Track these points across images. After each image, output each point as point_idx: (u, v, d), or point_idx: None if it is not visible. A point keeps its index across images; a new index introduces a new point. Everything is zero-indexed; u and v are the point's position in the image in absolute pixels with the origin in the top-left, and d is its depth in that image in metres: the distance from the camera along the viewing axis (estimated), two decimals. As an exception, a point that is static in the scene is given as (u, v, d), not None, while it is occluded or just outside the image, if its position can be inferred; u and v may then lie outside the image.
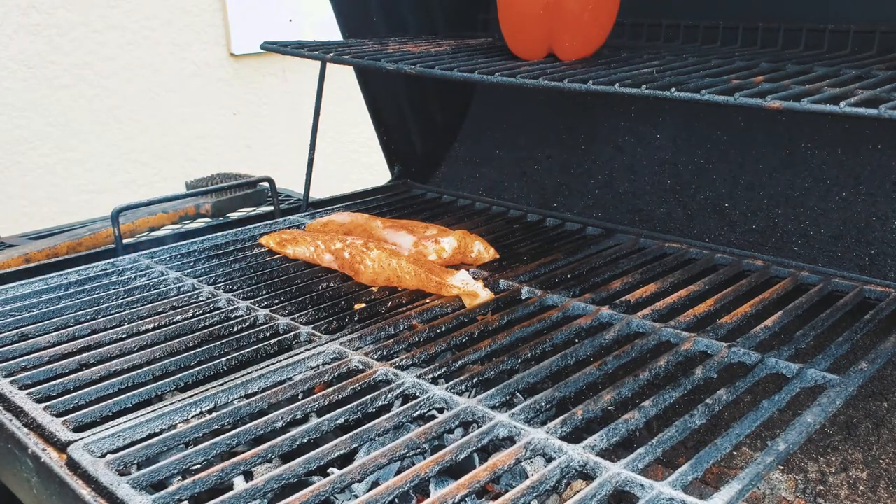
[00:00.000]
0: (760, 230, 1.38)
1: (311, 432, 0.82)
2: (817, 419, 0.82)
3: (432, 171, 1.88)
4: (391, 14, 1.71)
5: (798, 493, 1.14)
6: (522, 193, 1.71)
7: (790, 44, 1.38)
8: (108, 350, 1.01)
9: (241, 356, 0.98)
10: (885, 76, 1.07)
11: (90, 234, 1.65)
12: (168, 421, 0.85)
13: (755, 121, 1.43)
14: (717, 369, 0.95)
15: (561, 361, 0.97)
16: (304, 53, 1.42)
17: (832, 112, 0.89)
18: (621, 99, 1.59)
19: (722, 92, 0.97)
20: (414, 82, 1.78)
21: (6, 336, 1.05)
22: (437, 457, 0.76)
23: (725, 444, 0.78)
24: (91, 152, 2.66)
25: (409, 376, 0.92)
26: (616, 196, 1.59)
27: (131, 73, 2.70)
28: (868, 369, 0.92)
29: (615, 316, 1.08)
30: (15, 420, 0.85)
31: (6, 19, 2.41)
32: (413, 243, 1.28)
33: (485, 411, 0.85)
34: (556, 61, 1.27)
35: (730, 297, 1.13)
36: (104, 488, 0.73)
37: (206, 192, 1.77)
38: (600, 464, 0.75)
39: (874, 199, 1.28)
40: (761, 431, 1.20)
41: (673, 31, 1.52)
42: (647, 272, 1.23)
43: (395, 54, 1.34)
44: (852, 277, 1.19)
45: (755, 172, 1.42)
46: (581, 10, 1.22)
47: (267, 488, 0.73)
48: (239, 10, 2.88)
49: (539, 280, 1.21)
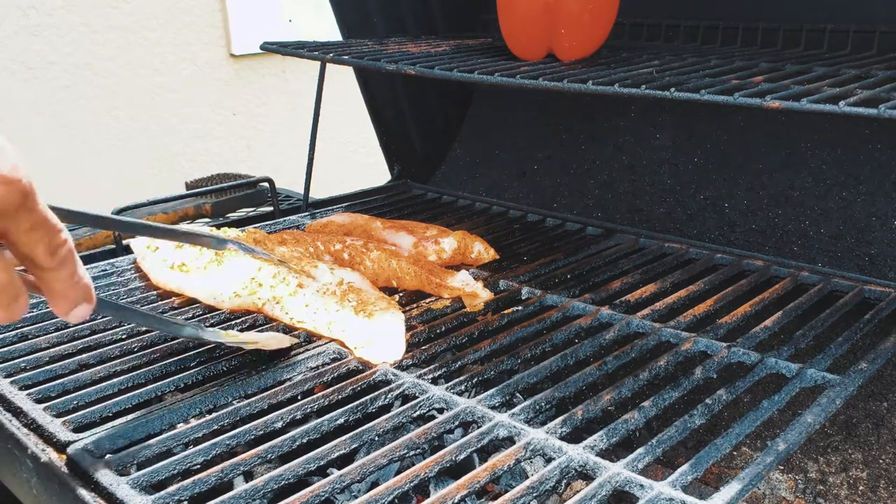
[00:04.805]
0: (760, 230, 1.38)
1: (311, 432, 0.82)
2: (817, 419, 0.82)
3: (432, 171, 1.88)
4: (391, 14, 1.71)
5: (798, 493, 1.14)
6: (522, 193, 1.71)
7: (790, 44, 1.38)
8: (107, 350, 1.01)
9: (241, 356, 0.98)
10: (884, 76, 1.07)
11: (90, 234, 1.65)
12: (168, 421, 0.85)
13: (755, 121, 1.43)
14: (716, 369, 0.95)
15: (561, 361, 0.97)
16: (304, 54, 1.42)
17: (831, 112, 0.89)
18: (621, 99, 1.59)
19: (721, 92, 0.97)
20: (414, 82, 1.78)
21: (6, 336, 1.05)
22: (437, 457, 0.76)
23: (725, 444, 0.78)
24: (90, 153, 2.66)
25: (408, 376, 0.92)
26: (616, 196, 1.59)
27: (131, 74, 2.69)
28: (868, 369, 0.92)
29: (615, 316, 1.08)
30: (15, 420, 0.85)
31: (6, 20, 2.41)
32: (413, 244, 1.28)
33: (485, 411, 0.85)
34: (555, 61, 1.27)
35: (730, 297, 1.13)
36: (104, 489, 0.73)
37: (206, 192, 1.77)
38: (600, 464, 0.75)
39: (874, 199, 1.28)
40: (761, 431, 1.20)
41: (673, 32, 1.52)
42: (647, 272, 1.23)
43: (395, 54, 1.34)
44: (852, 277, 1.19)
45: (755, 172, 1.42)
46: (581, 10, 1.22)
47: (267, 488, 0.73)
48: (239, 11, 2.88)
49: (539, 280, 1.21)
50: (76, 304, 0.63)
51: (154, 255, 1.18)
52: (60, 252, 0.59)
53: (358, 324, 1.00)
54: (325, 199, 1.68)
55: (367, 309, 1.02)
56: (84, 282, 0.63)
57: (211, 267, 1.12)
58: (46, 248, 0.58)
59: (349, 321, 1.01)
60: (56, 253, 0.59)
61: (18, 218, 0.55)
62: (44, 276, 0.60)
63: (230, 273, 1.11)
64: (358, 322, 1.00)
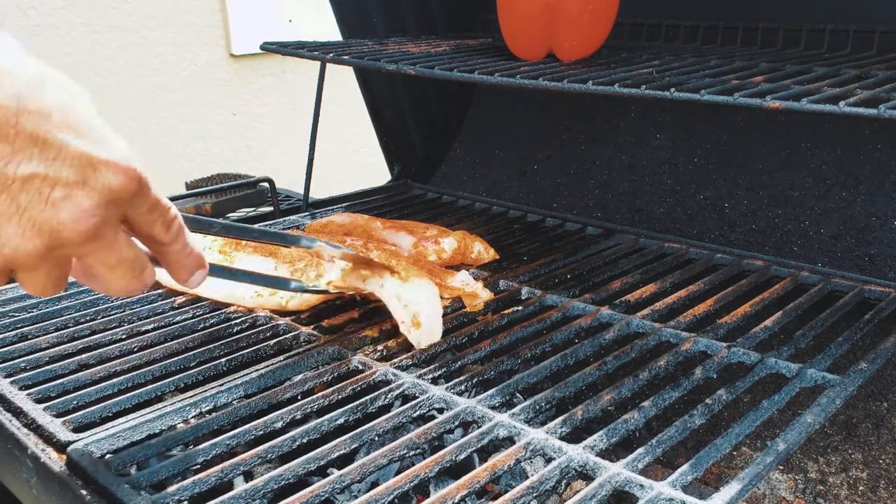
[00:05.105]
0: (760, 230, 1.38)
1: (311, 432, 0.82)
2: (817, 419, 0.82)
3: (432, 172, 1.88)
4: (391, 14, 1.71)
5: (798, 493, 1.14)
6: (522, 193, 1.71)
7: (790, 44, 1.38)
8: (107, 350, 1.01)
9: (241, 357, 0.99)
10: (884, 76, 1.07)
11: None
12: (168, 421, 0.85)
13: (755, 121, 1.43)
14: (716, 369, 0.95)
15: (561, 361, 0.97)
16: (304, 54, 1.42)
17: (831, 112, 0.89)
18: (621, 99, 1.59)
19: (721, 92, 0.97)
20: (414, 82, 1.78)
21: (6, 336, 1.05)
22: (437, 457, 0.76)
23: (725, 444, 0.78)
24: (91, 153, 2.66)
25: (408, 376, 0.92)
26: (616, 196, 1.59)
27: (131, 74, 2.69)
28: (868, 369, 0.92)
29: (615, 316, 1.08)
30: (15, 420, 0.85)
31: (6, 20, 2.41)
32: (413, 244, 1.28)
33: (485, 411, 0.85)
34: (555, 62, 1.27)
35: (730, 297, 1.13)
36: (104, 489, 0.73)
37: (206, 192, 1.77)
38: (600, 464, 0.75)
39: (874, 199, 1.28)
40: (761, 431, 1.20)
41: (673, 32, 1.52)
42: (647, 272, 1.23)
43: (395, 55, 1.34)
44: (852, 277, 1.19)
45: (755, 172, 1.42)
46: (581, 10, 1.22)
47: (267, 488, 0.73)
48: (239, 11, 2.88)
49: (539, 280, 1.21)
50: (192, 271, 0.71)
51: None
52: (174, 227, 0.65)
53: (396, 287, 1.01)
54: (325, 199, 1.68)
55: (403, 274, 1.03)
56: (196, 251, 0.70)
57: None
58: (162, 226, 0.64)
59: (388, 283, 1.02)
60: (170, 228, 0.65)
61: (136, 203, 0.60)
62: (162, 251, 0.67)
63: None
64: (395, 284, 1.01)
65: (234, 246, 1.16)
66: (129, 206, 0.60)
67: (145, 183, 0.60)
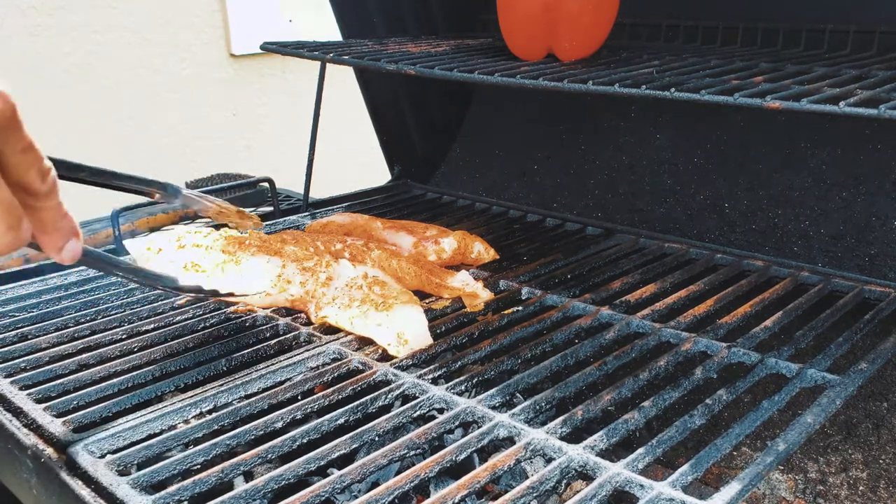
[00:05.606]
0: (760, 230, 1.38)
1: (311, 432, 0.82)
2: (817, 419, 0.82)
3: (432, 172, 1.88)
4: (391, 14, 1.71)
5: (798, 493, 1.14)
6: (522, 193, 1.71)
7: (790, 44, 1.38)
8: (107, 350, 1.01)
9: (241, 357, 0.99)
10: (884, 76, 1.07)
11: (90, 234, 1.65)
12: (168, 421, 0.85)
13: (755, 121, 1.43)
14: (716, 369, 0.95)
15: (561, 361, 0.97)
16: (304, 54, 1.42)
17: (831, 112, 0.89)
18: (621, 99, 1.59)
19: (722, 92, 0.97)
20: (414, 82, 1.78)
21: (6, 336, 1.05)
22: (437, 457, 0.76)
23: (725, 444, 0.78)
24: (90, 153, 2.66)
25: (409, 376, 0.92)
26: (616, 196, 1.59)
27: (131, 74, 2.69)
28: (868, 369, 0.92)
29: (615, 316, 1.08)
30: (15, 420, 0.85)
31: (6, 20, 2.41)
32: (413, 244, 1.28)
33: (485, 411, 0.85)
34: (555, 62, 1.27)
35: (730, 298, 1.13)
36: (104, 489, 0.73)
37: (206, 192, 1.77)
38: (600, 464, 0.75)
39: (874, 199, 1.28)
40: (761, 431, 1.20)
41: (673, 32, 1.52)
42: (647, 272, 1.23)
43: (395, 55, 1.34)
44: (852, 277, 1.19)
45: (755, 172, 1.42)
46: (581, 10, 1.22)
47: (267, 488, 0.73)
48: (239, 11, 2.87)
49: (539, 280, 1.21)
50: (67, 238, 0.65)
51: (158, 256, 1.17)
52: (49, 178, 0.61)
53: (380, 318, 1.01)
54: (325, 199, 1.68)
55: (388, 302, 1.03)
56: (69, 215, 0.65)
57: (229, 267, 1.11)
58: (38, 174, 0.59)
59: (371, 316, 1.02)
60: (46, 178, 0.60)
61: (11, 139, 0.56)
62: (37, 205, 0.61)
63: (252, 272, 1.11)
64: (379, 317, 1.01)
65: (238, 245, 1.15)
66: (3, 140, 0.56)
67: (18, 117, 0.56)
